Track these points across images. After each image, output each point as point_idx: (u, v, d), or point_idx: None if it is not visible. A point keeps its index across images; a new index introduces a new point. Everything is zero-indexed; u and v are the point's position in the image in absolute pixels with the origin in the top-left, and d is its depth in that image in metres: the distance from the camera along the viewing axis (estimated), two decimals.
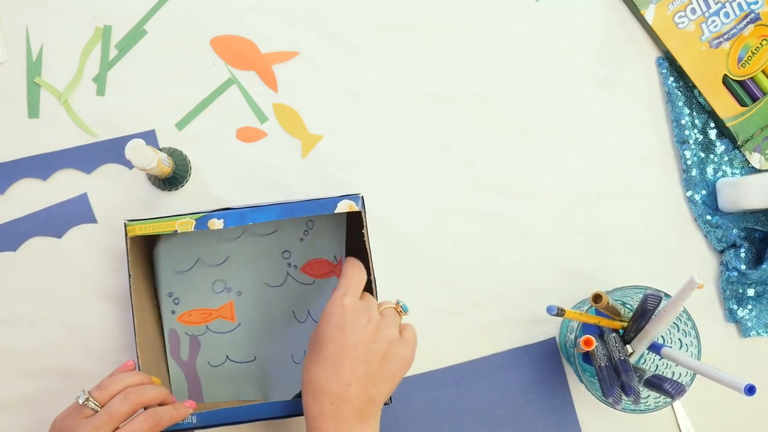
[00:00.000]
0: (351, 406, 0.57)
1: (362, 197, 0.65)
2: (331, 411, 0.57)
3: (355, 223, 0.66)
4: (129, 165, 0.73)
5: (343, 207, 0.63)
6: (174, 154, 0.71)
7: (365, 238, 0.64)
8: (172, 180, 0.71)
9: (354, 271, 0.62)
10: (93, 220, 0.73)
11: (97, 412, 0.58)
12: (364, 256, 0.64)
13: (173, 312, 0.71)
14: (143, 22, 0.73)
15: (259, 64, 0.74)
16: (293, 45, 0.74)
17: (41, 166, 0.72)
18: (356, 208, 0.63)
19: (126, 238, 0.64)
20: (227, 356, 0.71)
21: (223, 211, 0.64)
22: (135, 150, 0.63)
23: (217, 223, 0.63)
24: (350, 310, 0.59)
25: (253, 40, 0.74)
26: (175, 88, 0.73)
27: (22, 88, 0.73)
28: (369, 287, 0.64)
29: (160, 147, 0.73)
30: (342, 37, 0.74)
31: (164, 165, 0.67)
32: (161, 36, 0.73)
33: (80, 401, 0.59)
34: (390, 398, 0.64)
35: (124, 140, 0.73)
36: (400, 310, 0.63)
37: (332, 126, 0.74)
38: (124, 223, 0.64)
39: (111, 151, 0.73)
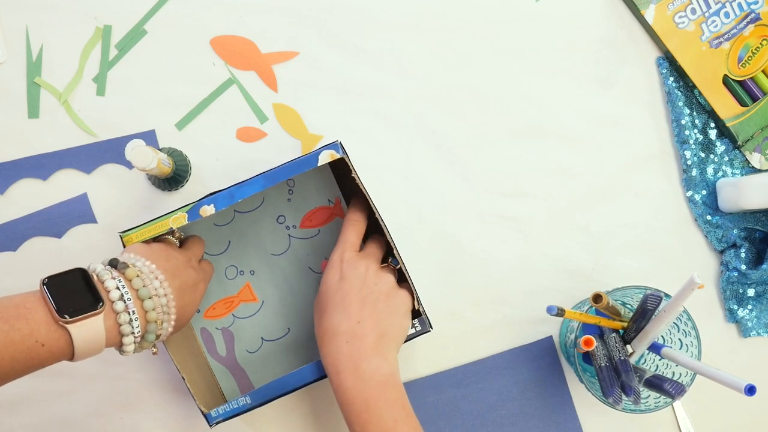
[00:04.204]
0: (366, 342, 0.60)
1: (341, 143, 0.65)
2: (347, 350, 0.59)
3: (341, 171, 0.66)
4: (129, 165, 0.73)
5: (325, 158, 0.63)
6: (174, 154, 0.71)
7: (357, 181, 0.64)
8: (172, 180, 0.71)
9: (349, 228, 0.65)
10: (93, 220, 0.73)
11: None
12: (361, 198, 0.65)
13: (198, 311, 0.72)
14: (143, 22, 0.73)
15: (259, 64, 0.74)
16: (293, 45, 0.74)
17: (41, 166, 0.72)
18: (338, 156, 0.63)
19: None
20: (262, 338, 0.72)
21: (211, 196, 0.64)
22: (135, 150, 0.63)
23: (208, 210, 0.63)
24: (348, 262, 0.63)
25: (253, 40, 0.74)
26: (175, 88, 0.73)
27: (22, 88, 0.73)
28: (377, 225, 0.65)
29: (160, 147, 0.73)
30: (342, 37, 0.74)
31: (164, 165, 0.67)
32: (161, 36, 0.73)
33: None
34: (430, 324, 0.65)
35: (124, 140, 0.73)
36: (392, 265, 0.66)
37: (332, 126, 0.74)
38: (120, 236, 0.64)
39: (111, 151, 0.73)
